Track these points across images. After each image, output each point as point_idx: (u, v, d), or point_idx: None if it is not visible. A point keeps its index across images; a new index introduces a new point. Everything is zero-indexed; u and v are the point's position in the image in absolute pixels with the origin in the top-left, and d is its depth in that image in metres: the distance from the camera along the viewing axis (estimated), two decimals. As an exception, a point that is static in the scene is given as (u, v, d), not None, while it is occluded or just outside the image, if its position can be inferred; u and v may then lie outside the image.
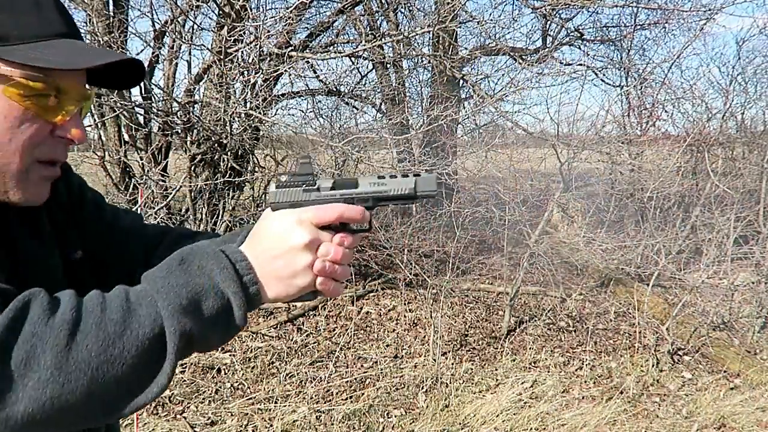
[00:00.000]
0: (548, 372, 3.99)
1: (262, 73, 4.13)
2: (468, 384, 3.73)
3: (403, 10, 6.80)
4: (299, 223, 0.73)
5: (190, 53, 4.82)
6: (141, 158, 4.55)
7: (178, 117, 4.51)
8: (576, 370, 4.08)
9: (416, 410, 3.40)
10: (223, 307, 0.67)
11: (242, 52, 4.15)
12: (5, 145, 0.69)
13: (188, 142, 4.45)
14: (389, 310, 4.75)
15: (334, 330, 4.33)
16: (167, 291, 0.64)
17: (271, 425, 3.09)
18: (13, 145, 0.69)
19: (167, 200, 4.20)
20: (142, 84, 4.14)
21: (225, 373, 3.58)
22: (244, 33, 4.02)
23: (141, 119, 4.83)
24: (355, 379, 3.67)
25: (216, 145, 4.51)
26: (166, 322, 0.62)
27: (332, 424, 3.16)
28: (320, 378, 3.61)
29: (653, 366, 4.10)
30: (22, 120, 0.69)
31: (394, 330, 4.43)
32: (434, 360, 3.93)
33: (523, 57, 6.67)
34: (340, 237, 0.75)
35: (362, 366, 3.88)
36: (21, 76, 0.67)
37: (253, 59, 4.12)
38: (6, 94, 0.67)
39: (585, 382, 3.91)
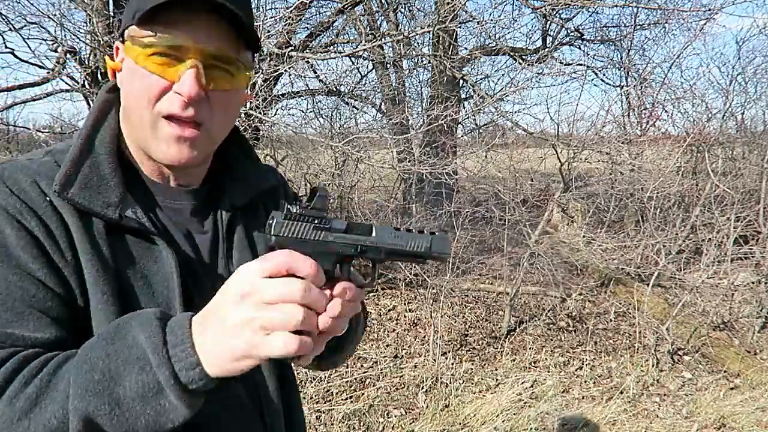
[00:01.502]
0: (548, 372, 3.99)
1: (262, 73, 4.12)
2: (468, 384, 3.73)
3: (403, 10, 6.81)
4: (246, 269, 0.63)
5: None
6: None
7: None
8: (576, 370, 4.08)
9: (416, 410, 3.40)
10: (147, 385, 0.61)
11: (242, 52, 4.14)
12: (134, 98, 0.78)
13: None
14: (389, 310, 4.75)
15: (334, 330, 4.33)
16: (80, 367, 0.63)
17: (271, 425, 3.08)
18: (137, 98, 0.78)
19: (167, 200, 4.19)
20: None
21: (225, 373, 3.57)
22: (244, 33, 4.01)
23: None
24: (355, 379, 3.67)
25: (216, 145, 4.51)
26: (71, 404, 0.61)
27: (332, 424, 3.15)
28: (320, 378, 3.60)
29: (653, 366, 4.10)
30: (142, 76, 0.77)
31: (394, 330, 4.44)
32: (434, 360, 3.93)
33: (523, 57, 6.68)
34: (344, 287, 0.66)
35: (362, 366, 3.88)
36: (136, 34, 0.76)
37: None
38: (129, 54, 0.77)
39: (585, 382, 3.91)
